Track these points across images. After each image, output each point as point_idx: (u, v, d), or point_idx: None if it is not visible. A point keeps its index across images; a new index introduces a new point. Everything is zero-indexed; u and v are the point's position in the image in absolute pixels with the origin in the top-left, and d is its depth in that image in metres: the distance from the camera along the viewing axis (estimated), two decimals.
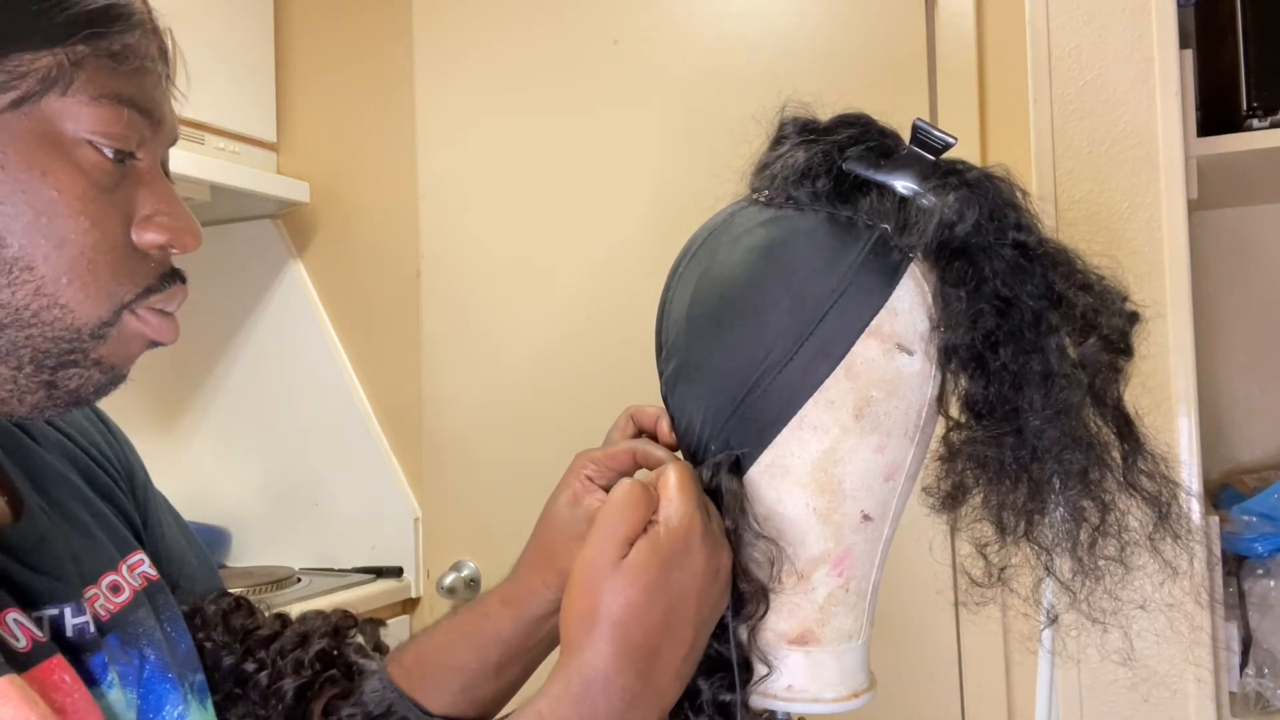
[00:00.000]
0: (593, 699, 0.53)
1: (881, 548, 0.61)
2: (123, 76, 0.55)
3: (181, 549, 0.76)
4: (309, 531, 2.16)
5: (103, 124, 0.54)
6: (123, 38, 0.55)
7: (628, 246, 1.72)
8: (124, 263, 0.55)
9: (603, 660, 0.53)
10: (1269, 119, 1.27)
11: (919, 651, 1.57)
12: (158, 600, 0.66)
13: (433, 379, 1.89)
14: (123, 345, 0.57)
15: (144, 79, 0.56)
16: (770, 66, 1.65)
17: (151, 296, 0.57)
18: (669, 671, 0.55)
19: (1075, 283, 0.55)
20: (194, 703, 0.64)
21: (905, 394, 0.57)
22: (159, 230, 0.57)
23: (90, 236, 0.53)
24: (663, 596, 0.54)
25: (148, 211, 0.57)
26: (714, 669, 0.59)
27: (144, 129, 0.56)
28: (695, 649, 0.57)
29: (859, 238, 0.56)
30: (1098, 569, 0.58)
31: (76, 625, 0.58)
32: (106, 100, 0.54)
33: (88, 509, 0.66)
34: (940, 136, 0.57)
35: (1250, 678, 1.28)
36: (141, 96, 0.56)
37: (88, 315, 0.54)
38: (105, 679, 0.58)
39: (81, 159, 0.53)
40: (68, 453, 0.69)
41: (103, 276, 0.54)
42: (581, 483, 0.67)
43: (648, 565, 0.54)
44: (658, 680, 0.55)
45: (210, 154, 1.97)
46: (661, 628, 0.54)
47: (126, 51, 0.55)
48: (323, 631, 0.73)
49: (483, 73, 1.85)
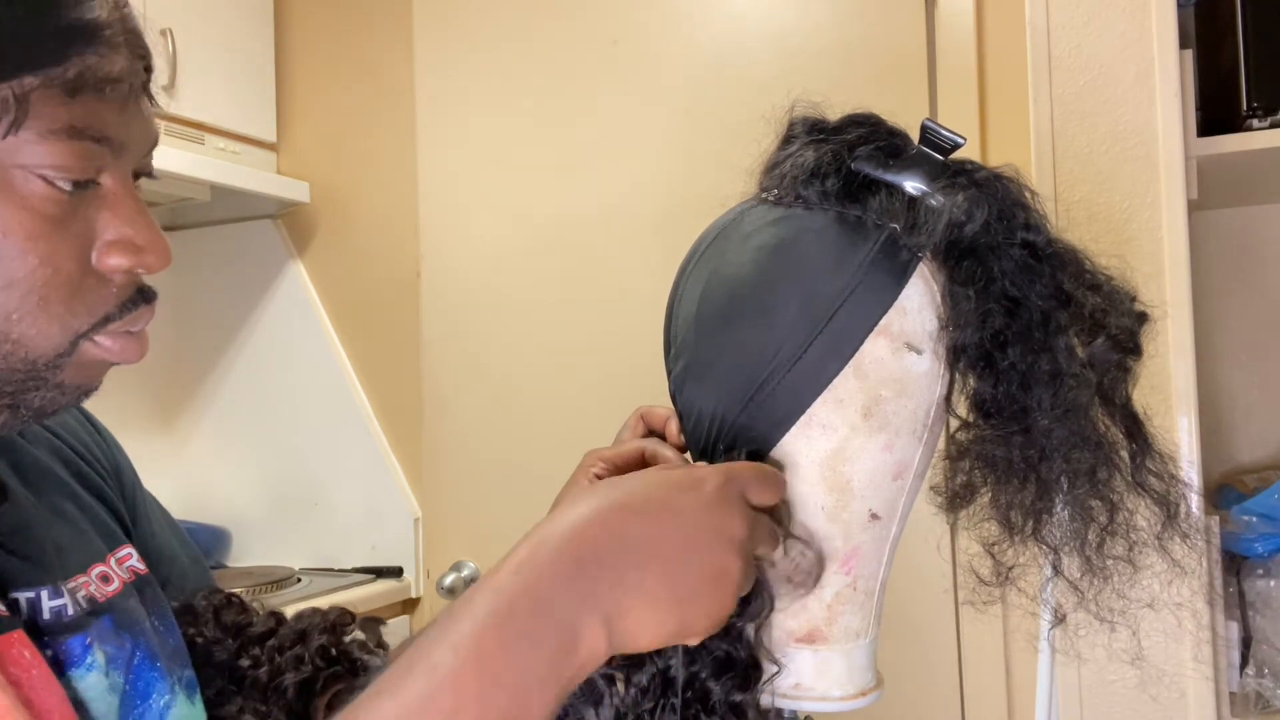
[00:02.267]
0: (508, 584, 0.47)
1: (889, 546, 0.61)
2: (79, 106, 0.50)
3: (172, 547, 0.75)
4: (309, 531, 2.16)
5: (56, 159, 0.50)
6: (81, 61, 0.50)
7: (627, 246, 1.72)
8: (79, 294, 0.53)
9: (546, 543, 0.49)
10: (1269, 119, 1.27)
11: (919, 651, 1.57)
12: (146, 594, 0.66)
13: (433, 379, 1.89)
14: (83, 370, 0.55)
15: (104, 104, 0.52)
16: (770, 67, 1.65)
17: (110, 325, 0.55)
18: (593, 602, 0.47)
19: (1084, 282, 0.56)
20: (181, 696, 0.63)
21: (914, 393, 0.57)
22: (122, 254, 0.54)
23: (40, 274, 0.51)
24: (639, 516, 0.49)
25: (111, 236, 0.54)
26: (724, 668, 0.59)
27: (105, 155, 0.53)
28: (652, 606, 0.48)
29: (868, 237, 0.57)
30: (1106, 568, 0.58)
31: (53, 608, 0.58)
32: (59, 135, 0.50)
33: (76, 504, 0.66)
34: (949, 136, 0.57)
35: (1250, 678, 1.28)
36: (100, 124, 0.52)
37: (41, 349, 0.52)
38: (84, 661, 0.58)
39: (31, 195, 0.50)
40: (56, 450, 0.68)
41: (55, 310, 0.52)
42: (590, 481, 0.67)
43: (648, 478, 0.51)
44: (570, 601, 0.47)
45: (210, 154, 1.97)
46: (618, 545, 0.48)
47: (83, 77, 0.50)
48: (321, 628, 0.73)
49: (483, 73, 1.85)
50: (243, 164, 2.06)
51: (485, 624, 0.46)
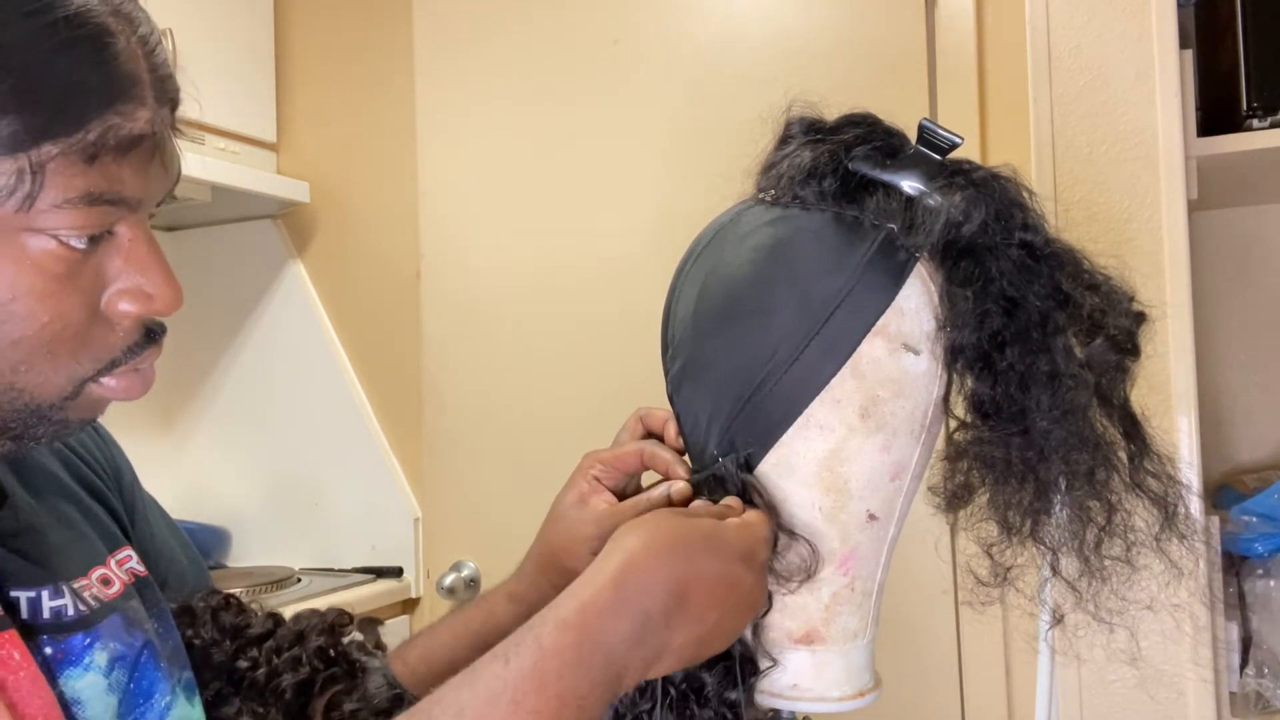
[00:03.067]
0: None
1: (887, 547, 0.61)
2: (97, 172, 0.48)
3: (171, 548, 0.75)
4: (309, 531, 2.16)
5: (71, 222, 0.48)
6: (101, 124, 0.47)
7: (627, 246, 1.72)
8: (86, 343, 0.52)
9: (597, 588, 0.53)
10: (1269, 119, 1.27)
11: (919, 651, 1.57)
12: (146, 596, 0.66)
13: (433, 379, 1.89)
14: (88, 408, 0.55)
15: (125, 164, 0.49)
16: (770, 66, 1.65)
17: (116, 369, 0.54)
18: (641, 652, 0.52)
19: (1082, 283, 0.55)
20: (181, 697, 0.63)
21: (911, 393, 0.57)
22: (132, 301, 0.53)
23: (49, 329, 0.50)
24: (673, 562, 0.53)
25: (123, 285, 0.53)
26: (721, 669, 0.59)
27: (123, 212, 0.51)
28: (691, 649, 0.54)
29: (865, 237, 0.56)
30: (1104, 569, 0.58)
31: (54, 608, 0.58)
32: (75, 203, 0.48)
33: (76, 506, 0.66)
34: (947, 136, 0.57)
35: (1250, 678, 1.28)
36: (120, 186, 0.49)
37: (46, 395, 0.52)
38: (82, 661, 0.58)
39: (43, 255, 0.49)
40: (56, 452, 0.68)
41: (62, 359, 0.52)
42: (589, 483, 0.67)
43: (710, 537, 0.54)
44: (623, 652, 0.52)
45: (210, 154, 1.97)
46: (676, 605, 0.53)
47: (104, 140, 0.48)
48: (319, 629, 0.73)
49: (483, 73, 1.85)
50: (243, 164, 2.06)
51: (547, 653, 0.51)
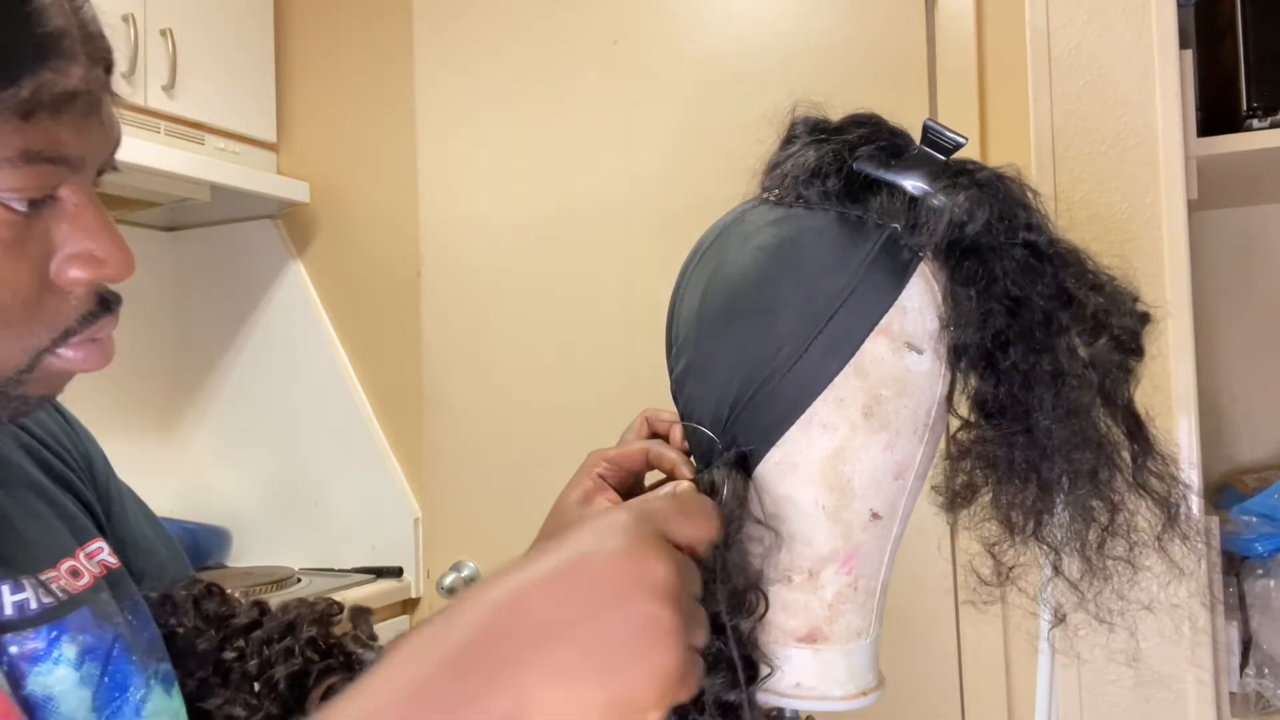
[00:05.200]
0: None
1: (890, 546, 0.61)
2: (33, 129, 0.48)
3: (149, 540, 0.74)
4: (309, 531, 2.16)
5: (9, 183, 0.48)
6: (34, 80, 0.47)
7: (627, 246, 1.72)
8: (37, 312, 0.51)
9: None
10: (1269, 119, 1.27)
11: (919, 651, 1.57)
12: (119, 588, 0.64)
13: (433, 379, 1.89)
14: (47, 381, 0.55)
15: (60, 123, 0.49)
16: (770, 66, 1.65)
17: (72, 338, 0.53)
18: (490, 694, 0.41)
19: (1086, 283, 0.55)
20: (157, 689, 0.63)
21: (915, 392, 0.57)
22: (81, 268, 0.52)
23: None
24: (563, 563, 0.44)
25: (71, 250, 0.52)
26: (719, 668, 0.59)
27: (63, 173, 0.50)
28: (567, 682, 0.42)
29: (869, 236, 0.57)
30: (1106, 569, 0.58)
31: (16, 601, 0.57)
32: (13, 161, 0.47)
33: (43, 498, 0.65)
34: (951, 136, 0.57)
35: (1250, 678, 1.28)
36: (57, 144, 0.49)
37: (1, 368, 0.52)
38: (51, 654, 0.57)
39: None
40: (22, 443, 0.67)
41: (14, 330, 0.51)
42: (594, 481, 0.67)
43: (563, 538, 0.46)
44: (463, 695, 0.41)
45: (210, 154, 1.97)
46: (510, 625, 0.43)
47: (38, 97, 0.47)
48: (310, 619, 0.72)
49: (483, 73, 1.85)
50: (243, 164, 2.06)
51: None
